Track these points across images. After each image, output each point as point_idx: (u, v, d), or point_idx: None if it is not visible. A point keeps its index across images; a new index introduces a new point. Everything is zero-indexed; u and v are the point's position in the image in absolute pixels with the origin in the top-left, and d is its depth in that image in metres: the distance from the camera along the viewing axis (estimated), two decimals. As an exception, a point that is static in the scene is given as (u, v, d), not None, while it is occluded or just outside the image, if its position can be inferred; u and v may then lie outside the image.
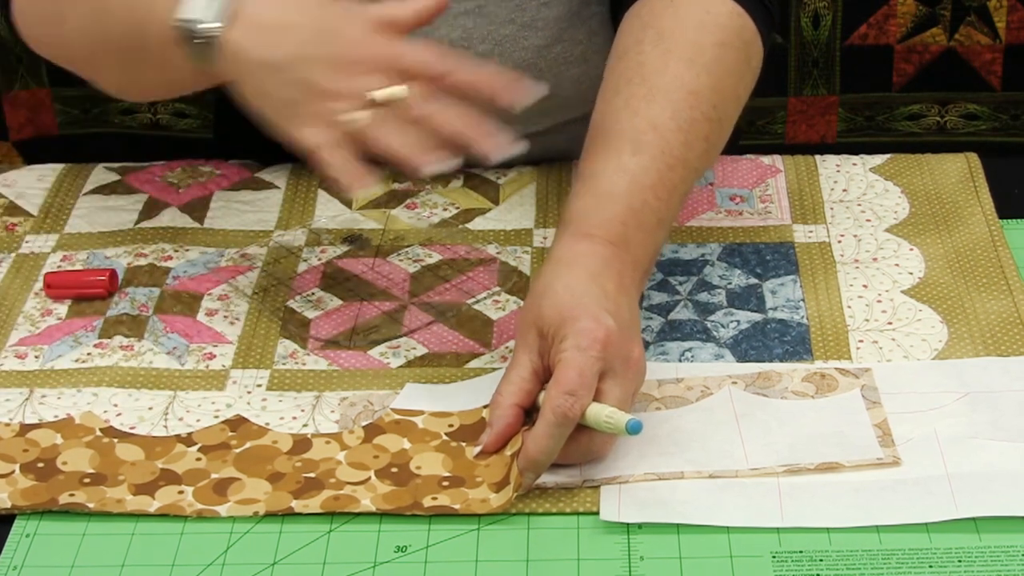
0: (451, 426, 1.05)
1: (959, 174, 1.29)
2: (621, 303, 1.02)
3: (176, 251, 1.23)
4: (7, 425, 1.06)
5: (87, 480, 1.02)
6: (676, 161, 1.08)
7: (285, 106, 1.02)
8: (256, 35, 1.02)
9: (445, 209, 1.27)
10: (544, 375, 1.01)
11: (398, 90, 0.99)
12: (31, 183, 1.33)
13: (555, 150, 1.32)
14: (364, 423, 1.05)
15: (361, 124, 0.98)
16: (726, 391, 1.06)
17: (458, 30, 1.28)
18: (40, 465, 1.03)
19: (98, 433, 1.05)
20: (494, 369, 1.10)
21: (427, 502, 0.99)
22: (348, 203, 1.28)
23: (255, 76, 1.03)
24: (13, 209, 1.30)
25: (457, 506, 0.98)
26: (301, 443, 1.04)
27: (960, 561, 0.95)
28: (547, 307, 1.01)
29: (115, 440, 1.04)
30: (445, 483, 1.00)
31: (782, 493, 0.99)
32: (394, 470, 1.02)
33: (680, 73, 1.10)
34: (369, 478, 1.01)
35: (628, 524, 0.98)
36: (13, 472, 1.02)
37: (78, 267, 1.22)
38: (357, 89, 0.99)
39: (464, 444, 1.03)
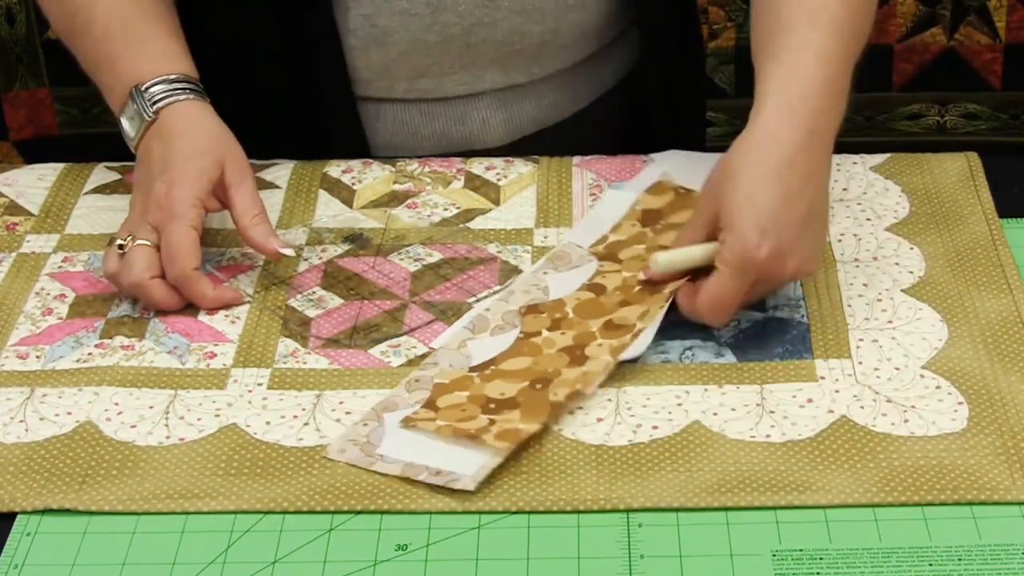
0: None
1: (959, 173, 1.30)
2: (801, 203, 1.08)
3: (177, 250, 1.23)
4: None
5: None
6: (849, 34, 1.14)
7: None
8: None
9: (446, 209, 1.27)
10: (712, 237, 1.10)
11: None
12: (31, 182, 1.33)
13: (558, 101, 1.40)
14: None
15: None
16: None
17: None
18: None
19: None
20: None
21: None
22: (349, 202, 1.28)
23: None
24: (14, 208, 1.30)
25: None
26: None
27: (960, 559, 0.95)
28: (727, 193, 1.08)
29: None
30: None
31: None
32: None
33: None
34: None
35: (628, 523, 0.98)
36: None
37: (79, 268, 1.22)
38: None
39: None
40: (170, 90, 1.22)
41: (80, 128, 2.01)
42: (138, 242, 1.16)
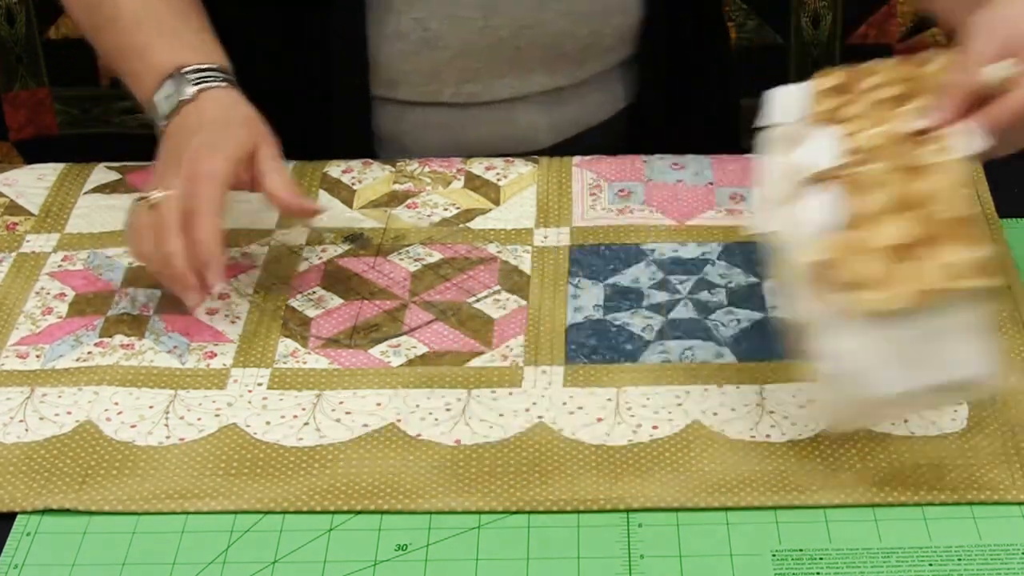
0: None
1: (959, 173, 1.29)
2: None
3: (177, 250, 1.23)
4: None
5: None
6: None
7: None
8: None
9: (446, 209, 1.27)
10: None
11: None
12: (31, 182, 1.33)
13: (600, 102, 1.43)
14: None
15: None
16: None
17: None
18: None
19: None
20: (496, 368, 1.10)
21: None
22: (349, 202, 1.28)
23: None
24: (14, 208, 1.30)
25: None
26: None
27: (960, 559, 0.95)
28: None
29: None
30: None
31: None
32: None
33: None
34: None
35: (628, 523, 0.98)
36: None
37: (79, 267, 1.22)
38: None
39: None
40: (205, 77, 1.21)
41: (80, 128, 2.01)
42: (169, 192, 1.14)
